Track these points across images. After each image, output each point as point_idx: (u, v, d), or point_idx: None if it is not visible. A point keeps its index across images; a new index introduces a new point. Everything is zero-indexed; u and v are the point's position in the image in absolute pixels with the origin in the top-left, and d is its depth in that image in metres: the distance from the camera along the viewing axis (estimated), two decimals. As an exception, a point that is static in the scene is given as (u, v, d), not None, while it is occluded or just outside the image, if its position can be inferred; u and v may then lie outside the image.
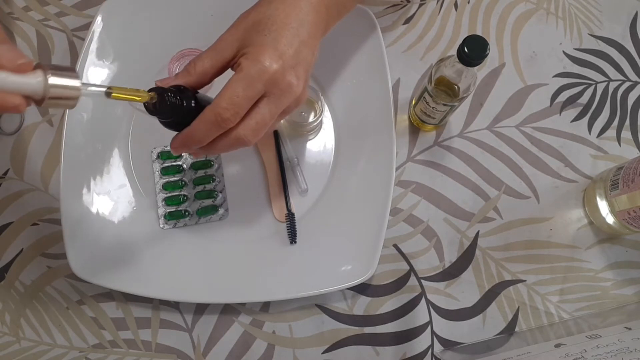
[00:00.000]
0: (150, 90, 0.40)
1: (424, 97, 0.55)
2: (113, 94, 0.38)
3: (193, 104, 0.42)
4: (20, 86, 0.32)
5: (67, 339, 0.57)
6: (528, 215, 0.61)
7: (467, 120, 0.63)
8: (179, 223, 0.58)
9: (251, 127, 0.42)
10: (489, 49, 0.46)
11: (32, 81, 0.33)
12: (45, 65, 0.34)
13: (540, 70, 0.65)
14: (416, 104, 0.58)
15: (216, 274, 0.57)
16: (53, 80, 0.33)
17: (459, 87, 0.52)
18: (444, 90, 0.53)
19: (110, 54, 0.61)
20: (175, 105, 0.41)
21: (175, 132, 0.43)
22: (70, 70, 0.35)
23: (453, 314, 0.58)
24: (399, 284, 0.59)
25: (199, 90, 0.44)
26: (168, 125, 0.43)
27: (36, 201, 0.60)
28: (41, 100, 0.34)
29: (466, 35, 0.47)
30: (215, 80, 0.44)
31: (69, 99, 0.35)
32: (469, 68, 0.48)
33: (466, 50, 0.46)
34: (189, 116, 0.42)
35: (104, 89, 0.37)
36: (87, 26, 0.62)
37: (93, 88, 0.37)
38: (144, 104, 0.40)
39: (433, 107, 0.55)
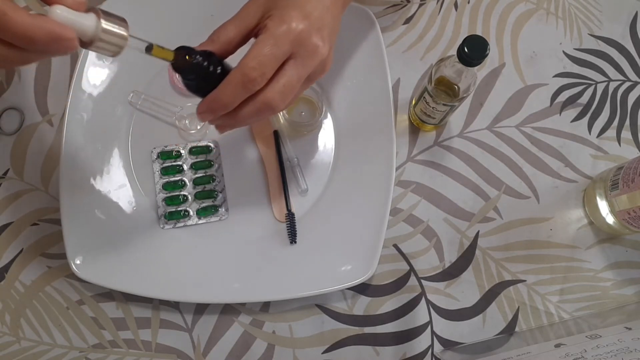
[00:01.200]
0: (178, 49, 0.41)
1: (424, 97, 0.55)
2: (153, 52, 0.39)
3: (219, 70, 0.42)
4: (75, 23, 0.33)
5: (67, 339, 0.57)
6: (528, 215, 0.61)
7: (467, 120, 0.63)
8: (179, 223, 0.58)
9: (278, 90, 0.42)
10: (489, 49, 0.46)
11: (86, 21, 0.33)
12: (99, 10, 0.34)
13: (540, 70, 0.65)
14: (416, 104, 0.58)
15: (216, 274, 0.57)
16: (105, 25, 0.34)
17: (459, 87, 0.52)
18: (444, 90, 0.53)
19: (110, 54, 0.61)
20: (200, 65, 0.41)
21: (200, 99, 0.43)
22: (121, 19, 0.36)
23: (453, 314, 0.58)
24: (399, 284, 0.59)
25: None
26: (194, 88, 0.43)
27: (36, 201, 0.60)
28: (89, 43, 0.34)
29: (466, 35, 0.47)
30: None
31: (114, 46, 0.35)
32: (469, 68, 0.49)
33: (466, 50, 0.46)
34: (215, 81, 0.42)
35: (146, 44, 0.38)
36: (87, 26, 0.62)
37: (137, 41, 0.37)
38: (171, 62, 0.41)
39: (433, 107, 0.55)
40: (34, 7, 0.65)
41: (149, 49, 0.38)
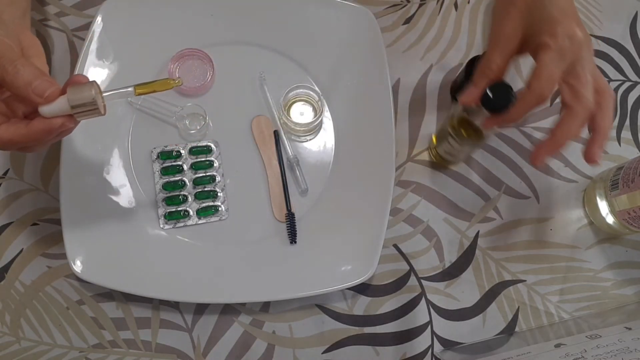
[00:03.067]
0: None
1: (449, 140, 0.55)
2: (137, 91, 0.43)
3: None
4: (55, 111, 0.40)
5: (67, 339, 0.57)
6: (528, 215, 0.61)
7: (467, 120, 0.63)
8: (179, 223, 0.58)
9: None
10: (515, 96, 0.46)
11: (59, 104, 0.40)
12: (71, 86, 0.40)
13: (540, 70, 0.65)
14: (438, 144, 0.58)
15: (216, 274, 0.56)
16: (70, 95, 0.40)
17: (482, 131, 0.51)
18: (468, 130, 0.52)
19: (110, 54, 0.61)
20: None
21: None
22: (89, 84, 0.41)
23: (453, 314, 0.58)
24: (399, 284, 0.59)
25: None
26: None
27: (36, 201, 0.60)
28: (70, 116, 0.41)
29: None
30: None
31: (91, 109, 0.41)
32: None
33: (492, 97, 0.46)
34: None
35: (130, 89, 0.43)
36: (87, 26, 0.62)
37: (111, 92, 0.43)
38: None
39: (458, 149, 0.55)
40: (34, 7, 0.65)
41: (132, 93, 0.43)
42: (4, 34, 0.41)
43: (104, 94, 0.42)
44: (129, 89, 0.43)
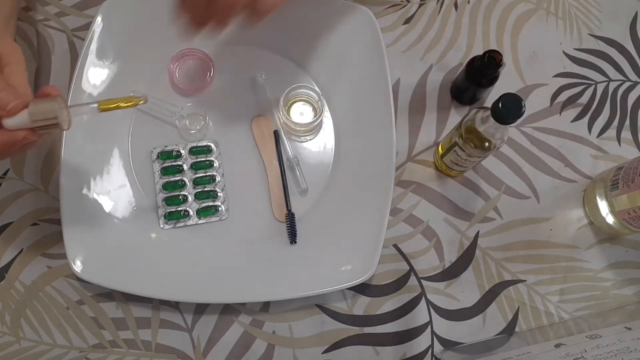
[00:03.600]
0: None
1: (456, 151, 0.55)
2: (100, 106, 0.44)
3: None
4: (18, 124, 0.41)
5: (67, 339, 0.57)
6: (528, 215, 0.61)
7: (467, 120, 0.63)
8: (179, 223, 0.58)
9: None
10: (525, 107, 0.46)
11: (20, 116, 0.41)
12: (34, 100, 0.41)
13: (540, 70, 0.65)
14: (444, 154, 0.58)
15: (216, 274, 0.56)
16: (32, 109, 0.40)
17: (490, 141, 0.51)
18: (475, 141, 0.52)
19: (110, 54, 0.61)
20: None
21: None
22: (52, 99, 0.41)
23: (453, 314, 0.58)
24: (399, 284, 0.59)
25: None
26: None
27: (36, 201, 0.60)
28: (32, 129, 0.41)
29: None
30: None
31: (52, 124, 0.41)
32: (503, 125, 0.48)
33: (501, 108, 0.46)
34: None
35: (91, 106, 0.44)
36: (87, 26, 0.62)
37: (75, 107, 0.43)
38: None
39: (465, 159, 0.55)
40: (34, 7, 0.65)
41: (96, 109, 0.44)
42: None
43: (68, 109, 0.43)
44: (93, 105, 0.44)
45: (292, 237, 0.58)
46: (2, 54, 0.44)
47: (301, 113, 0.61)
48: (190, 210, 0.59)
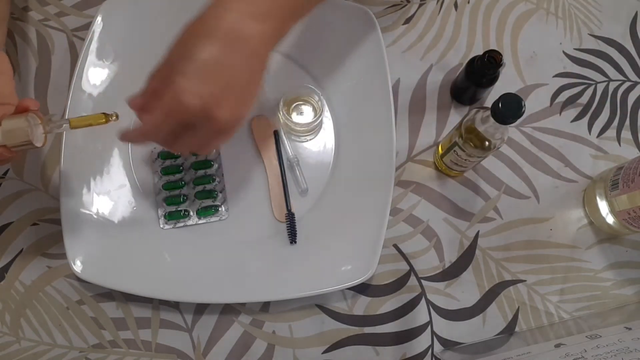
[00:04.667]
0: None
1: (456, 151, 0.55)
2: (72, 124, 0.44)
3: None
4: None
5: (67, 339, 0.57)
6: (528, 215, 0.61)
7: (467, 120, 0.63)
8: (179, 223, 0.58)
9: None
10: (525, 107, 0.46)
11: None
12: (7, 116, 0.41)
13: (540, 70, 0.65)
14: (444, 154, 0.58)
15: (216, 274, 0.56)
16: (3, 127, 0.40)
17: (490, 141, 0.51)
18: (475, 141, 0.52)
19: (110, 54, 0.61)
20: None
21: None
22: (25, 114, 0.41)
23: (453, 314, 0.58)
24: (399, 284, 0.59)
25: None
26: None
27: (36, 201, 0.60)
28: (6, 147, 0.41)
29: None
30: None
31: (24, 143, 0.41)
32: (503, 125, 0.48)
33: (501, 108, 0.46)
34: None
35: (63, 124, 0.44)
36: (87, 26, 0.62)
37: (47, 126, 0.43)
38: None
39: (466, 159, 0.55)
40: (34, 7, 0.65)
41: (68, 126, 0.44)
42: None
43: (40, 126, 0.43)
44: (65, 124, 0.44)
45: (292, 237, 0.58)
46: None
47: (301, 113, 0.61)
48: (190, 210, 0.59)
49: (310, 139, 0.62)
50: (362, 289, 0.58)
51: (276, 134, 0.61)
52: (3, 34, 0.54)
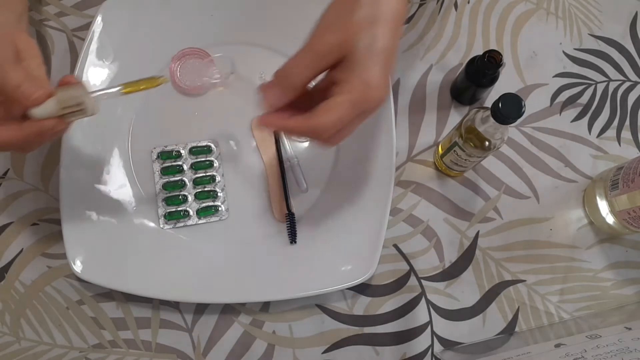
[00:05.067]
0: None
1: (456, 151, 0.55)
2: (125, 89, 0.44)
3: None
4: (46, 113, 0.41)
5: (67, 339, 0.57)
6: (528, 215, 0.61)
7: (467, 120, 0.63)
8: (179, 223, 0.58)
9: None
10: (525, 107, 0.46)
11: (50, 105, 0.41)
12: (59, 88, 0.42)
13: (540, 70, 0.66)
14: (444, 154, 0.58)
15: (216, 274, 0.56)
16: (59, 96, 0.41)
17: (490, 141, 0.51)
18: (475, 141, 0.52)
19: (110, 54, 0.61)
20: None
21: None
22: (76, 84, 0.42)
23: (453, 314, 0.58)
24: (399, 284, 0.59)
25: None
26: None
27: (36, 201, 0.60)
28: (61, 117, 0.42)
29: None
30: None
31: (79, 109, 0.42)
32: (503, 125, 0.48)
33: (501, 108, 0.46)
34: None
35: (119, 88, 0.44)
36: (87, 26, 0.62)
37: (100, 92, 0.44)
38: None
39: (465, 159, 0.55)
40: (34, 7, 0.65)
41: (120, 92, 0.45)
42: None
43: (93, 95, 0.43)
44: (117, 88, 0.44)
45: (292, 237, 0.58)
46: (19, 49, 0.44)
47: (301, 113, 0.61)
48: (190, 210, 0.59)
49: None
50: (362, 289, 0.58)
51: (276, 134, 0.61)
52: (26, 19, 0.53)
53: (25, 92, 0.40)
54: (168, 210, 0.59)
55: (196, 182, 0.60)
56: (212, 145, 0.61)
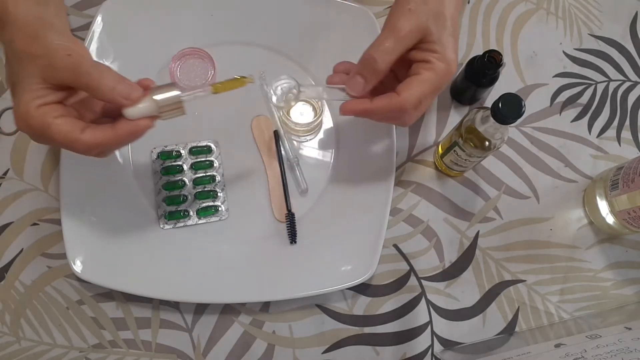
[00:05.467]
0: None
1: (456, 151, 0.55)
2: (214, 91, 0.46)
3: None
4: (141, 112, 0.42)
5: (67, 339, 0.57)
6: (528, 215, 0.61)
7: (467, 120, 0.63)
8: (179, 223, 0.58)
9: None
10: (525, 107, 0.46)
11: (146, 105, 0.42)
12: (152, 88, 0.43)
13: (540, 70, 0.66)
14: (444, 154, 0.58)
15: (216, 274, 0.56)
16: (159, 97, 0.42)
17: (490, 141, 0.51)
18: (475, 141, 0.52)
19: (110, 54, 0.61)
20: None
21: None
22: (170, 85, 0.43)
23: (453, 314, 0.58)
24: (399, 284, 0.59)
25: None
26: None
27: (36, 201, 0.60)
28: (157, 116, 0.43)
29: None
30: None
31: (177, 108, 0.43)
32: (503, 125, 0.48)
33: (501, 108, 0.46)
34: None
35: (210, 89, 0.45)
36: (87, 26, 0.62)
37: (190, 93, 0.45)
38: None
39: (465, 159, 0.55)
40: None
41: (209, 92, 0.46)
42: (71, 41, 0.42)
43: (184, 95, 0.44)
44: (208, 90, 0.45)
45: (292, 237, 0.58)
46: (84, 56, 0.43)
47: (301, 113, 0.61)
48: (190, 210, 0.59)
49: (310, 139, 0.62)
50: (362, 289, 0.58)
51: (276, 134, 0.61)
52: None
53: (122, 92, 0.41)
54: (168, 210, 0.59)
55: (196, 182, 0.60)
56: (212, 145, 0.61)
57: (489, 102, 0.63)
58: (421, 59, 0.45)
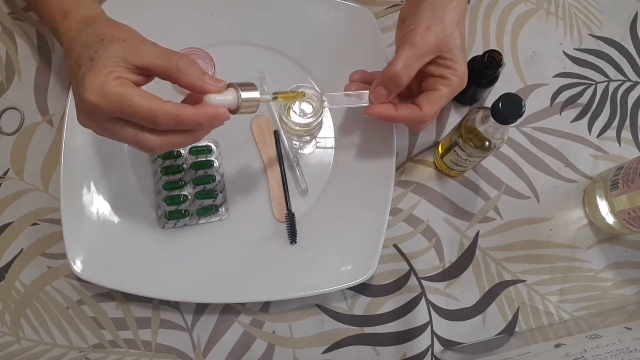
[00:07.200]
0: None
1: (456, 151, 0.55)
2: (278, 98, 0.50)
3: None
4: (223, 102, 0.45)
5: (67, 339, 0.57)
6: (528, 215, 0.61)
7: (467, 120, 0.63)
8: (179, 223, 0.58)
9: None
10: (525, 107, 0.46)
11: (229, 97, 0.45)
12: (233, 84, 0.45)
13: (540, 70, 0.66)
14: (444, 154, 0.58)
15: (216, 274, 0.56)
16: (244, 95, 0.45)
17: (490, 141, 0.51)
18: (475, 141, 0.52)
19: (110, 54, 0.60)
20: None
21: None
22: (251, 85, 0.46)
23: (453, 314, 0.58)
24: (399, 284, 0.59)
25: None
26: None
27: (36, 201, 0.60)
28: (236, 110, 0.46)
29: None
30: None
31: (252, 106, 0.46)
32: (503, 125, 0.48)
33: (501, 108, 0.46)
34: None
35: (273, 95, 0.50)
36: (87, 26, 0.62)
37: (265, 95, 0.49)
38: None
39: (465, 159, 0.55)
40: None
41: (275, 98, 0.50)
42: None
43: (262, 98, 0.47)
44: (272, 95, 0.50)
45: (292, 237, 0.58)
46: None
47: (301, 113, 0.61)
48: (190, 210, 0.59)
49: (310, 139, 0.62)
50: (362, 289, 0.58)
51: (276, 134, 0.61)
52: None
53: (209, 80, 0.44)
54: (168, 210, 0.59)
55: (196, 182, 0.60)
56: (212, 145, 0.61)
57: (489, 102, 0.64)
58: (439, 74, 0.50)
